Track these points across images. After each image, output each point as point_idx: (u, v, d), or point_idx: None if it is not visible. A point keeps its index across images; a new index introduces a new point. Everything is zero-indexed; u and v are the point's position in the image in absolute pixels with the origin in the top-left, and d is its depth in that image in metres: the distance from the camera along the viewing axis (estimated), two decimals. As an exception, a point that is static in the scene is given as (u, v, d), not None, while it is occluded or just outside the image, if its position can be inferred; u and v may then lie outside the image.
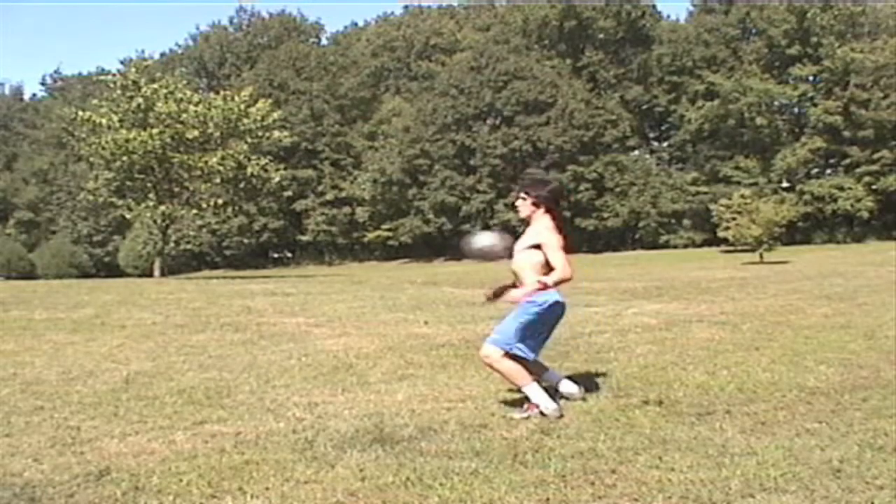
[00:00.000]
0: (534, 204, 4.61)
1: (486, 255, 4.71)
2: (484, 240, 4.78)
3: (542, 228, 4.56)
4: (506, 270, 4.67)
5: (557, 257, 4.45)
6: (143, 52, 65.79)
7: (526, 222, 4.68)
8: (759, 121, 46.01)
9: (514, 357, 4.43)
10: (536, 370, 4.57)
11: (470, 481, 3.20)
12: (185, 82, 29.71)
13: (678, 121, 51.30)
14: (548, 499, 3.03)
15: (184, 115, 26.69)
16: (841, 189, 44.25)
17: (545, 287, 4.33)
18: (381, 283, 17.88)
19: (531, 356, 4.48)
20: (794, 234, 40.90)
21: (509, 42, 53.45)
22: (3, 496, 3.13)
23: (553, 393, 4.49)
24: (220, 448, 3.74)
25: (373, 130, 55.17)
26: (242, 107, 27.92)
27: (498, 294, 4.62)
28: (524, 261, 4.52)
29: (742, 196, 32.58)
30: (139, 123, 26.71)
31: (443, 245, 48.29)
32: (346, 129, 55.41)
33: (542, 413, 4.27)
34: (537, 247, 4.50)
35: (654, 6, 54.83)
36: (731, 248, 35.55)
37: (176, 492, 3.15)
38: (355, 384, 5.26)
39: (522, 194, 4.65)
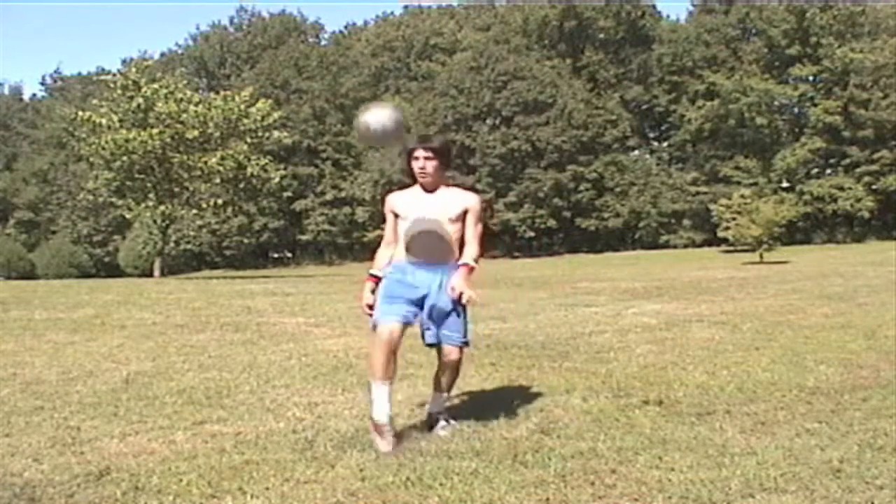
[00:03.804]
0: (442, 165, 3.95)
1: (380, 138, 3.84)
2: (379, 118, 3.72)
3: (463, 192, 4.03)
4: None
5: (477, 231, 3.99)
6: (144, 52, 65.87)
7: (425, 185, 3.97)
8: (759, 121, 46.03)
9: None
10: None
11: (470, 481, 3.20)
12: (185, 82, 29.76)
13: (678, 121, 51.31)
14: (548, 499, 3.03)
15: (184, 115, 26.72)
16: (841, 189, 44.28)
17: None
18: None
19: None
20: (794, 234, 40.93)
21: (509, 42, 53.45)
22: (3, 496, 3.13)
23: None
24: (220, 448, 3.74)
25: (373, 130, 55.13)
26: (243, 107, 27.95)
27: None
28: (453, 234, 3.95)
29: (742, 196, 32.61)
30: (139, 123, 26.74)
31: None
32: (348, 129, 55.42)
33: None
34: (462, 215, 3.94)
35: (654, 6, 54.88)
36: (731, 248, 35.58)
37: (176, 492, 3.15)
38: (355, 384, 5.26)
39: (427, 153, 3.91)
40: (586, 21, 52.54)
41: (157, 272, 29.90)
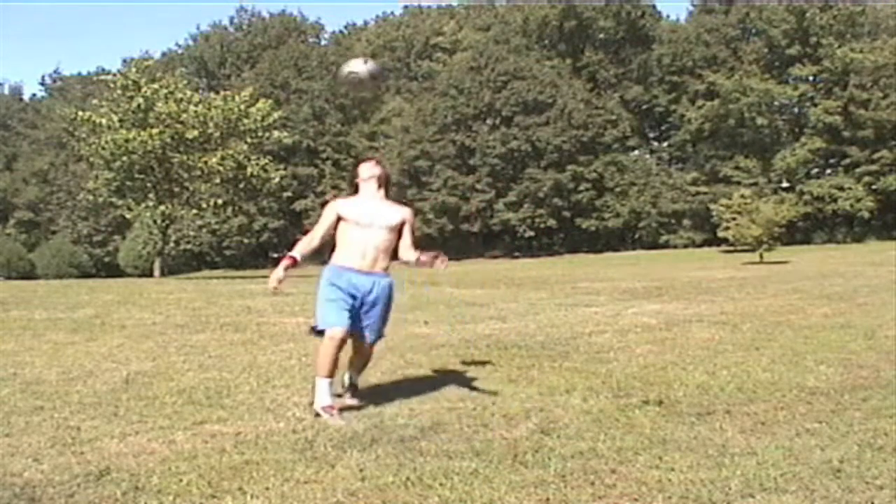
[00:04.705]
0: (386, 182, 4.53)
1: (357, 83, 4.46)
2: (356, 66, 4.43)
3: (399, 205, 4.54)
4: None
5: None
6: (146, 52, 65.87)
7: (368, 187, 4.51)
8: (759, 121, 46.06)
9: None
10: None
11: (470, 481, 3.20)
12: (185, 82, 29.76)
13: (678, 121, 51.33)
14: (548, 499, 3.03)
15: (184, 115, 26.72)
16: (841, 189, 44.29)
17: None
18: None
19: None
20: (794, 234, 40.94)
21: (509, 42, 53.47)
22: (3, 496, 3.13)
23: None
24: (220, 448, 3.74)
25: (373, 130, 55.19)
26: (242, 107, 27.95)
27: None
28: (390, 242, 4.42)
29: (742, 196, 32.63)
30: (139, 123, 26.74)
31: (443, 245, 48.31)
32: (348, 129, 55.46)
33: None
34: (400, 226, 4.43)
35: (654, 6, 54.93)
36: (731, 248, 35.60)
37: (176, 492, 3.14)
38: (355, 384, 5.25)
39: (374, 161, 4.62)
40: (586, 21, 52.56)
41: (157, 272, 29.92)
